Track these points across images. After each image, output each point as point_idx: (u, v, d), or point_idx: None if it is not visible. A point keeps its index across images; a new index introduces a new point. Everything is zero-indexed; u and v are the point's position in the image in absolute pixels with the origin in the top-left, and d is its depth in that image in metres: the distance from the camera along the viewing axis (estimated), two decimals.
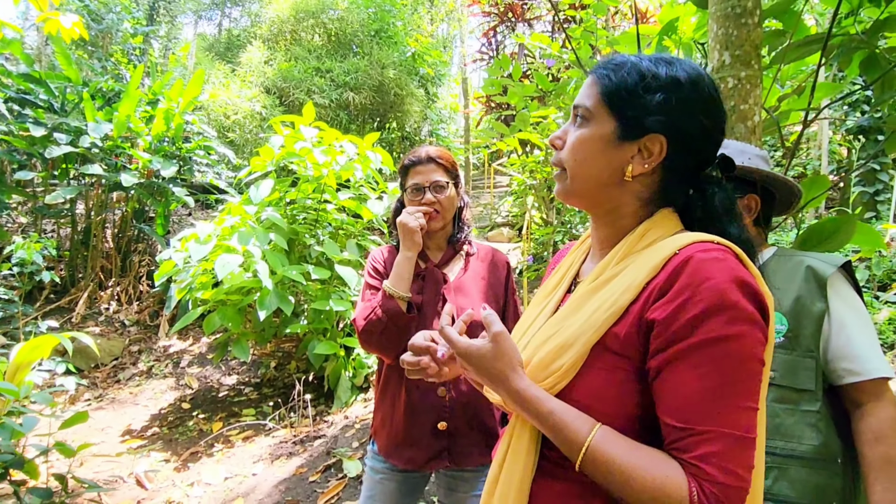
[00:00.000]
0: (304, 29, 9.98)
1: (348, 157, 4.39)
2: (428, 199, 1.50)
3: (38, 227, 7.02)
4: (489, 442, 1.45)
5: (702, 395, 0.65)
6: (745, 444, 0.64)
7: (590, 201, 0.83)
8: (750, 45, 1.57)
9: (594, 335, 0.74)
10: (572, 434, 0.70)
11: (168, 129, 6.52)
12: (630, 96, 0.77)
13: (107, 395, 5.02)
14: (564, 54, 3.46)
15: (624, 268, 0.77)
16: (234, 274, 3.76)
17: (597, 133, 0.79)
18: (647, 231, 0.78)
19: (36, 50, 11.52)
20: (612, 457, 0.67)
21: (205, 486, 3.19)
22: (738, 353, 0.66)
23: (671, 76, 0.76)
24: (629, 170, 0.77)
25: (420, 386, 1.45)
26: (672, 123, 0.75)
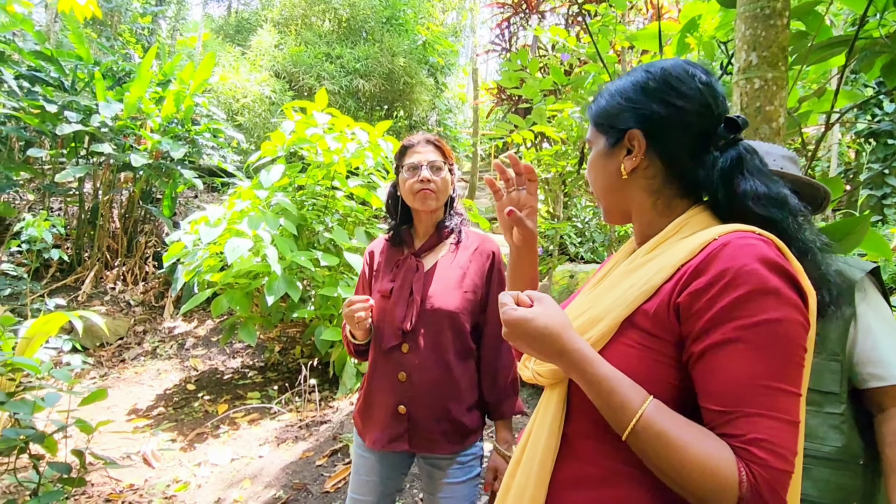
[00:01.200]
0: (315, 13, 9.92)
1: (359, 145, 4.39)
2: (424, 177, 1.51)
3: (46, 205, 7.03)
4: (459, 430, 1.47)
5: (748, 378, 0.65)
6: (792, 429, 0.64)
7: (616, 210, 0.91)
8: (778, 46, 1.57)
9: (624, 311, 0.76)
10: (627, 401, 0.69)
11: (178, 111, 6.51)
12: (605, 112, 0.88)
13: (112, 374, 5.06)
14: (580, 48, 3.45)
15: (660, 253, 0.80)
16: (243, 258, 3.79)
17: (596, 153, 0.91)
18: (682, 226, 0.81)
19: (45, 27, 11.47)
20: (663, 429, 0.66)
21: (211, 466, 3.23)
22: (783, 336, 0.66)
23: (630, 80, 0.86)
24: (622, 168, 0.85)
25: (382, 370, 1.50)
26: (639, 115, 0.83)
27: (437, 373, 1.45)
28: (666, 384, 0.72)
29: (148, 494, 2.92)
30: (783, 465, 0.63)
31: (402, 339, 1.47)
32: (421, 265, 1.55)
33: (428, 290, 1.50)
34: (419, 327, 1.47)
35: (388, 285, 1.52)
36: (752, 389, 0.65)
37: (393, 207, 1.64)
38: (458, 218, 1.63)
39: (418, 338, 1.47)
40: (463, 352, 1.49)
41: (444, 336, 1.47)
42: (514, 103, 7.40)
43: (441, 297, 1.49)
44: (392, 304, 1.50)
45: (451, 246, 1.58)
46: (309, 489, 2.78)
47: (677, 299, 0.72)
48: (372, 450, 1.52)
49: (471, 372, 1.51)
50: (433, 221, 1.60)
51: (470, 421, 1.48)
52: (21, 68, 6.33)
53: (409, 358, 1.46)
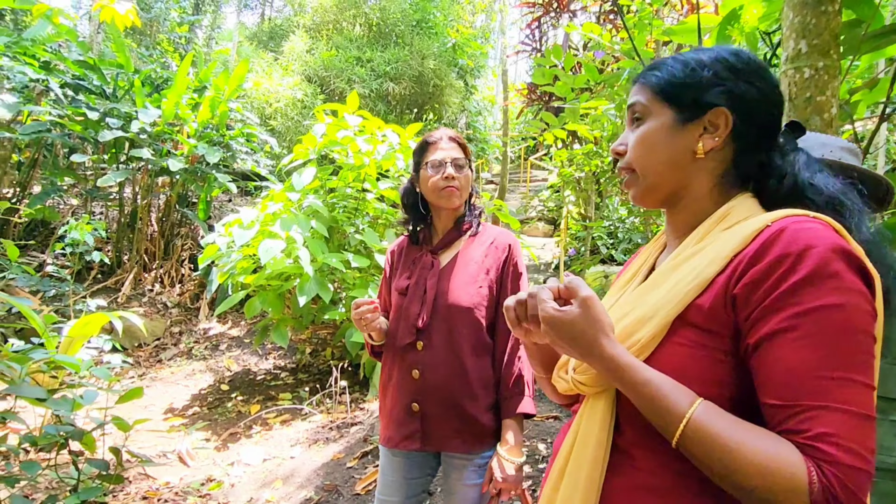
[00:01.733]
0: (346, 18, 10.03)
1: (390, 147, 4.40)
2: (448, 174, 1.49)
3: (88, 209, 7.27)
4: (473, 430, 1.42)
5: (808, 368, 0.60)
6: (865, 423, 0.58)
7: (666, 191, 0.82)
8: (829, 33, 1.49)
9: (675, 308, 0.70)
10: (672, 405, 0.64)
11: (213, 116, 6.66)
12: (681, 83, 0.79)
13: (149, 374, 5.18)
14: (615, 45, 3.38)
15: (707, 244, 0.74)
16: (276, 259, 3.82)
17: (657, 123, 0.80)
18: (728, 213, 0.76)
19: (89, 38, 11.89)
20: (716, 431, 0.61)
21: (244, 466, 3.26)
22: (846, 322, 0.60)
23: (713, 55, 0.79)
24: (700, 147, 0.77)
25: (398, 367, 1.48)
26: (730, 92, 0.77)
27: (451, 370, 1.42)
28: (726, 384, 0.67)
29: (183, 493, 2.95)
30: (858, 463, 0.56)
31: (417, 336, 1.45)
32: (437, 261, 1.53)
33: (442, 287, 1.48)
34: (434, 324, 1.45)
35: (404, 283, 1.51)
36: (814, 381, 0.59)
37: (411, 204, 1.62)
38: (477, 211, 1.61)
39: (433, 335, 1.45)
40: (479, 347, 1.46)
41: (459, 332, 1.44)
42: (544, 103, 7.33)
43: (456, 293, 1.46)
44: (407, 302, 1.48)
45: (467, 241, 1.56)
46: (340, 491, 2.77)
47: (734, 291, 0.67)
48: (396, 449, 1.50)
49: (486, 370, 1.47)
50: (453, 218, 1.57)
51: (486, 421, 1.44)
52: (66, 77, 6.57)
53: (423, 355, 1.44)
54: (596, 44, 3.46)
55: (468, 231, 1.57)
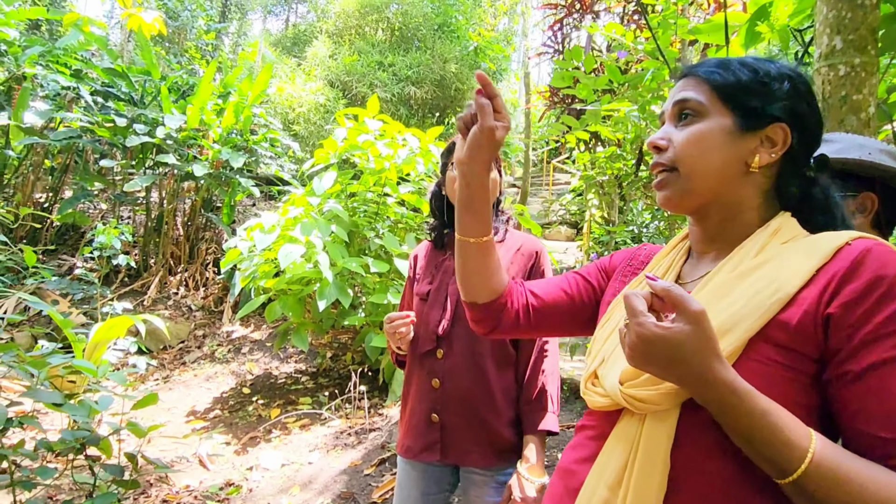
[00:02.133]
0: (368, 23, 10.09)
1: (411, 151, 4.38)
2: None
3: (117, 214, 7.43)
4: (494, 445, 1.37)
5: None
6: None
7: (709, 198, 0.77)
8: (866, 28, 1.41)
9: (757, 322, 0.64)
10: (794, 437, 0.57)
11: (237, 122, 6.74)
12: (748, 89, 0.75)
13: (173, 376, 5.24)
14: (638, 45, 3.30)
15: (773, 257, 0.70)
16: (296, 264, 3.83)
17: (715, 125, 0.75)
18: (779, 228, 0.73)
19: (119, 46, 12.21)
20: (837, 466, 0.56)
21: (263, 470, 3.26)
22: None
23: (780, 69, 0.77)
24: (755, 160, 0.74)
25: (417, 375, 1.45)
26: (794, 111, 0.75)
27: (472, 380, 1.38)
28: (804, 407, 0.62)
29: (202, 497, 2.96)
30: None
31: (437, 343, 1.41)
32: None
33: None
34: (455, 332, 1.41)
35: (425, 287, 1.48)
36: None
37: (438, 207, 1.58)
38: (504, 217, 1.56)
39: (453, 343, 1.40)
40: (501, 359, 1.40)
41: (480, 342, 1.39)
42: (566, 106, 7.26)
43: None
44: (429, 307, 1.45)
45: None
46: (356, 498, 2.74)
47: (827, 310, 0.62)
48: (413, 463, 1.46)
49: (509, 381, 1.41)
50: None
51: (508, 436, 1.38)
52: (96, 84, 6.73)
53: (443, 363, 1.40)
54: (619, 44, 3.39)
55: (495, 236, 1.53)
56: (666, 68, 2.53)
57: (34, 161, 6.97)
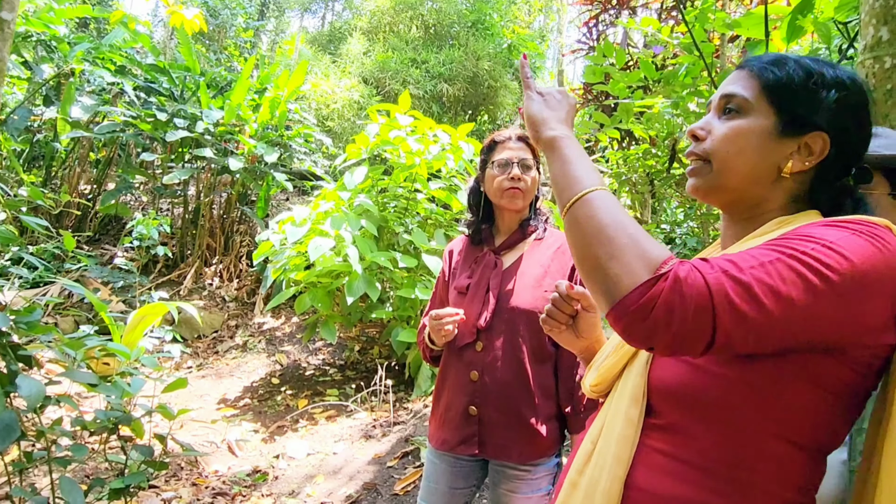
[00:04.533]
0: (402, 20, 10.14)
1: (441, 147, 4.38)
2: (515, 174, 1.46)
3: (156, 206, 7.66)
4: (532, 441, 1.36)
5: (763, 247, 0.63)
6: (739, 277, 0.59)
7: (736, 196, 0.78)
8: None
9: None
10: (579, 178, 0.71)
11: (272, 117, 6.86)
12: (797, 92, 0.74)
13: (206, 365, 5.38)
14: (675, 40, 3.22)
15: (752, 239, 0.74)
16: (325, 257, 3.88)
17: (756, 125, 0.75)
18: (792, 221, 0.73)
19: (161, 43, 12.57)
20: (609, 207, 0.67)
21: (289, 459, 3.32)
22: (847, 241, 0.61)
23: (837, 76, 0.74)
24: (788, 166, 0.74)
25: (455, 368, 1.45)
26: (837, 122, 0.73)
27: (511, 373, 1.37)
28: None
29: (230, 482, 3.03)
30: (715, 286, 0.58)
31: (477, 336, 1.41)
32: (500, 262, 1.48)
33: (506, 288, 1.43)
34: (495, 325, 1.40)
35: (464, 281, 1.48)
36: (745, 258, 0.61)
37: (475, 204, 1.59)
38: (543, 217, 1.56)
39: (493, 336, 1.40)
40: (540, 354, 1.40)
41: (520, 336, 1.39)
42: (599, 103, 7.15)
43: (519, 295, 1.41)
44: (468, 301, 1.44)
45: (532, 244, 1.51)
46: (379, 490, 2.77)
47: None
48: (442, 456, 1.46)
49: (548, 377, 1.41)
50: (517, 220, 1.53)
51: (546, 432, 1.38)
52: (139, 80, 6.95)
53: (482, 356, 1.40)
54: (654, 39, 3.32)
55: (533, 234, 1.52)
56: (701, 63, 2.46)
57: (80, 154, 7.25)
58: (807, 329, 0.60)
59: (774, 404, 0.64)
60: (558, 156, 0.75)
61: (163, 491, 2.82)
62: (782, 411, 0.64)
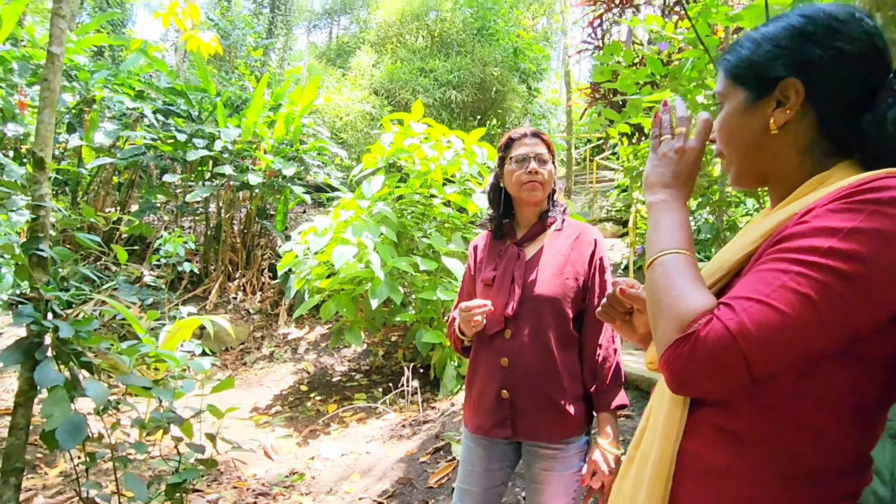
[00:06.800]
0: (408, 31, 10.31)
1: (455, 152, 4.49)
2: (533, 168, 1.53)
3: (178, 224, 7.87)
4: (563, 421, 1.44)
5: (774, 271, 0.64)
6: (776, 319, 0.61)
7: (755, 173, 0.82)
8: None
9: (740, 259, 0.75)
10: (660, 241, 0.76)
11: (287, 133, 7.04)
12: (748, 61, 0.78)
13: (235, 376, 5.52)
14: (679, 35, 3.30)
15: (791, 202, 0.75)
16: (348, 264, 4.00)
17: (732, 108, 0.81)
18: (826, 179, 0.73)
19: (175, 66, 12.89)
20: (669, 271, 0.72)
21: (324, 460, 3.43)
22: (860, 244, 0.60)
23: (781, 24, 0.75)
24: (772, 123, 0.75)
25: (486, 356, 1.52)
26: (798, 62, 0.73)
27: (539, 358, 1.45)
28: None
29: (269, 484, 3.15)
30: (736, 329, 0.61)
31: (505, 325, 1.49)
32: (523, 253, 1.56)
33: (530, 277, 1.51)
34: (521, 313, 1.48)
35: (490, 274, 1.55)
36: (769, 279, 0.64)
37: (495, 199, 1.67)
38: (560, 208, 1.64)
39: (520, 324, 1.48)
40: (565, 339, 1.48)
41: (545, 322, 1.47)
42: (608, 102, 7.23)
43: (543, 284, 1.49)
44: (495, 292, 1.52)
45: (552, 234, 1.59)
46: (413, 484, 2.86)
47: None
48: (478, 440, 1.55)
49: (574, 361, 1.49)
50: (536, 213, 1.61)
51: (574, 412, 1.46)
52: (157, 103, 7.17)
53: (511, 343, 1.48)
54: (659, 36, 3.40)
55: (552, 225, 1.60)
56: (707, 56, 2.55)
57: (103, 177, 7.48)
58: (838, 325, 0.61)
59: (816, 380, 0.66)
60: (651, 220, 0.80)
61: (207, 493, 2.94)
62: (823, 387, 0.66)
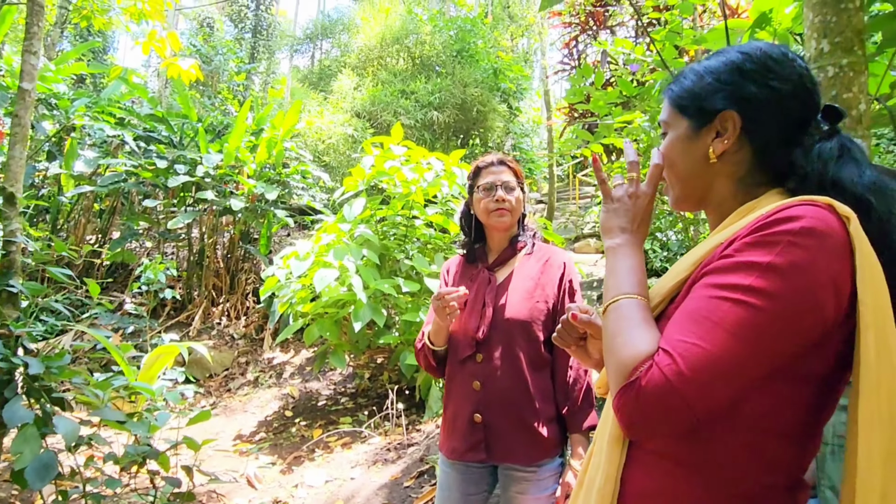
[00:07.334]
0: (389, 54, 10.44)
1: (436, 174, 4.53)
2: (500, 196, 1.57)
3: (161, 250, 7.81)
4: (536, 442, 1.46)
5: (701, 307, 0.67)
6: (711, 362, 0.63)
7: (693, 198, 0.87)
8: (851, 30, 1.48)
9: (674, 285, 0.78)
10: (615, 286, 0.79)
11: (270, 157, 7.05)
12: (691, 92, 0.83)
13: (220, 403, 5.45)
14: (649, 58, 3.40)
15: (721, 230, 0.80)
16: (331, 287, 4.00)
17: (675, 136, 0.85)
18: (753, 208, 0.77)
19: (157, 92, 12.90)
20: (621, 316, 0.75)
21: (308, 488, 3.38)
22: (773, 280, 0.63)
23: (722, 60, 0.81)
24: (711, 152, 0.80)
25: (458, 380, 1.54)
26: (735, 96, 0.78)
27: (511, 381, 1.47)
28: None
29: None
30: (675, 379, 0.63)
31: (476, 348, 1.51)
32: (494, 277, 1.59)
33: (500, 301, 1.54)
34: (492, 337, 1.50)
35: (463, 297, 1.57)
36: (698, 316, 0.67)
37: (467, 225, 1.71)
38: (530, 232, 1.67)
39: (492, 347, 1.50)
40: (537, 361, 1.50)
41: (517, 345, 1.49)
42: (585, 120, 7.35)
43: (513, 307, 1.52)
44: (466, 316, 1.55)
45: (523, 258, 1.62)
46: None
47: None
48: (454, 465, 1.55)
49: (545, 382, 1.51)
50: (507, 237, 1.65)
51: (547, 434, 1.47)
52: (138, 130, 7.17)
53: (482, 367, 1.50)
54: (631, 58, 3.49)
55: (523, 249, 1.64)
56: (671, 79, 2.62)
57: (84, 205, 7.42)
58: (766, 357, 0.64)
59: (750, 402, 0.67)
60: (608, 264, 0.84)
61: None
62: (757, 408, 0.68)
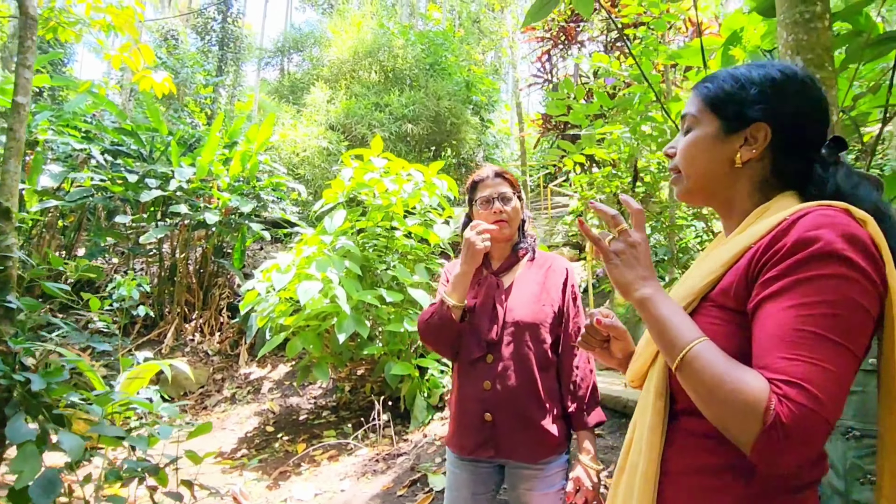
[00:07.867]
0: (362, 68, 10.49)
1: (415, 185, 4.58)
2: (497, 209, 1.63)
3: (130, 266, 7.62)
4: (544, 441, 1.52)
5: (791, 326, 0.68)
6: (830, 376, 0.65)
7: (707, 193, 0.93)
8: (821, 48, 1.61)
9: (701, 289, 0.82)
10: (677, 340, 0.75)
11: (244, 170, 6.99)
12: (729, 96, 0.88)
13: (196, 421, 5.33)
14: (623, 71, 3.54)
15: (740, 232, 0.85)
16: (314, 299, 3.99)
17: (703, 133, 0.90)
18: (768, 209, 0.85)
19: (121, 105, 12.63)
20: (707, 363, 0.71)
21: (297, 502, 3.35)
22: (836, 291, 0.68)
23: (765, 73, 0.87)
24: (738, 157, 0.86)
25: (469, 380, 1.59)
26: (771, 111, 0.84)
27: (521, 382, 1.53)
28: (748, 356, 0.75)
29: None
30: (813, 405, 0.63)
31: (487, 350, 1.56)
32: (501, 282, 1.65)
33: (509, 305, 1.60)
34: (503, 339, 1.56)
35: (470, 301, 1.63)
36: (794, 336, 0.68)
37: None
38: (531, 239, 1.74)
39: (502, 348, 1.56)
40: (544, 362, 1.56)
41: (526, 347, 1.55)
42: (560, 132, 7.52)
43: (522, 310, 1.58)
44: (477, 319, 1.60)
45: (526, 264, 1.69)
46: None
47: (752, 272, 0.77)
48: (463, 465, 1.60)
49: (553, 381, 1.58)
50: (509, 246, 1.71)
51: (555, 432, 1.53)
52: (105, 144, 7.01)
53: (493, 367, 1.55)
54: (605, 71, 3.63)
55: (525, 256, 1.70)
56: (651, 92, 2.75)
57: (48, 221, 7.19)
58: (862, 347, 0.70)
59: None
60: (650, 315, 0.81)
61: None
62: None
